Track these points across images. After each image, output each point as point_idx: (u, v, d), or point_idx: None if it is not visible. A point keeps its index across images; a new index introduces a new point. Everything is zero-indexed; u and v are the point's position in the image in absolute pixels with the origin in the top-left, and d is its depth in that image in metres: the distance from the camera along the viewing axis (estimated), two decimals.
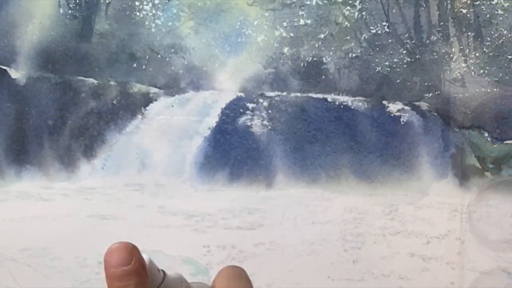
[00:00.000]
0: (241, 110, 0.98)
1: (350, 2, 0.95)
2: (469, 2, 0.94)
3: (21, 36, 0.98)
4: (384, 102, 0.97)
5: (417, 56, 0.95)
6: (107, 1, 0.97)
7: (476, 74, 0.95)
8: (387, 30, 0.95)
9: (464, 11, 0.94)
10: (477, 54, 0.95)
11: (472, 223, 0.98)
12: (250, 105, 0.98)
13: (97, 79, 0.99)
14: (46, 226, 1.00)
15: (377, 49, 0.96)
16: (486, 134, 0.96)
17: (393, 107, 0.97)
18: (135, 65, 0.98)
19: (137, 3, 0.97)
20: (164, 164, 1.00)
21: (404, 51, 0.95)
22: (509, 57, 0.94)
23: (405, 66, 0.96)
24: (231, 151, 0.98)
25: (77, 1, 0.97)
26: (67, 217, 1.00)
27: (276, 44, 0.97)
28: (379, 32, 0.95)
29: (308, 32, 0.96)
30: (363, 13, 0.95)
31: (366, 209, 0.98)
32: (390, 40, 0.95)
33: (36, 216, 1.00)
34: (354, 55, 0.96)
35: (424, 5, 0.94)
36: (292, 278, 1.00)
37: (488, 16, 0.94)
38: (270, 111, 0.98)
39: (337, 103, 0.97)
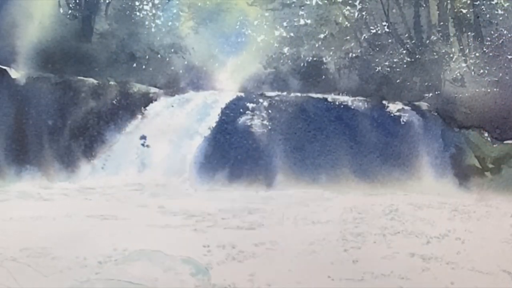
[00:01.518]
0: (241, 110, 0.98)
1: (350, 2, 0.95)
2: (469, 2, 0.94)
3: (21, 36, 0.98)
4: (384, 102, 0.97)
5: (417, 56, 0.96)
6: (107, 1, 0.98)
7: (476, 74, 0.96)
8: (387, 30, 0.96)
9: (464, 11, 0.94)
10: (477, 54, 0.95)
11: (472, 223, 0.98)
12: (250, 105, 0.98)
13: (97, 79, 0.99)
14: (46, 226, 1.01)
15: (377, 49, 0.96)
16: (486, 134, 0.97)
17: (393, 107, 0.97)
18: (135, 65, 0.98)
19: (137, 3, 0.97)
20: (164, 164, 1.00)
21: (404, 51, 0.96)
22: (509, 57, 0.95)
23: (405, 66, 0.96)
24: (231, 151, 0.99)
25: (77, 1, 0.98)
26: (67, 217, 1.01)
27: (276, 44, 0.97)
28: (379, 32, 0.96)
29: (308, 32, 0.96)
30: (363, 13, 0.95)
31: (366, 209, 0.98)
32: (390, 40, 0.96)
33: (36, 216, 1.01)
34: (354, 55, 0.96)
35: (424, 5, 0.95)
36: (292, 278, 1.00)
37: (488, 16, 0.94)
38: (270, 111, 0.98)
39: (337, 103, 0.97)
